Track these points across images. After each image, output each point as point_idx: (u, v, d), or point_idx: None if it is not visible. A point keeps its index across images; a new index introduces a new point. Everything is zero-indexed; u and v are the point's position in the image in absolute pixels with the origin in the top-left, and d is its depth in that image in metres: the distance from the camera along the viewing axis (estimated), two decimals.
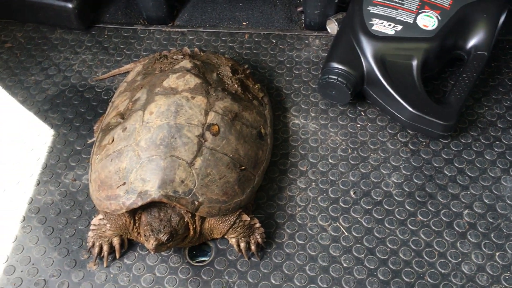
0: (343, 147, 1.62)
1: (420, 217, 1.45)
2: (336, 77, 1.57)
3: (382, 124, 1.67)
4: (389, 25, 1.60)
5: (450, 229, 1.43)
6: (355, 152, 1.61)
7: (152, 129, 1.36)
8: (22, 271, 1.38)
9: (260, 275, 1.36)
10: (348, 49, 1.61)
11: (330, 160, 1.59)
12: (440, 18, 1.61)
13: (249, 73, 1.71)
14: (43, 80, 1.84)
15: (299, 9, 2.03)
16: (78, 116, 1.73)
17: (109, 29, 2.00)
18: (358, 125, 1.67)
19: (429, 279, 1.34)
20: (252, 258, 1.39)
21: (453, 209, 1.47)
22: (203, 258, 1.42)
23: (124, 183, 1.31)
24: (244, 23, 2.01)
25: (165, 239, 1.27)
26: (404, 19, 1.61)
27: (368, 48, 1.57)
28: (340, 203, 1.49)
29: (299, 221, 1.46)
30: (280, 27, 1.99)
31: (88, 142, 1.64)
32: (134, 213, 1.34)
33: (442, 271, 1.35)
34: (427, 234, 1.42)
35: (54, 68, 1.87)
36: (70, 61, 1.89)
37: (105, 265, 1.38)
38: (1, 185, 1.55)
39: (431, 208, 1.47)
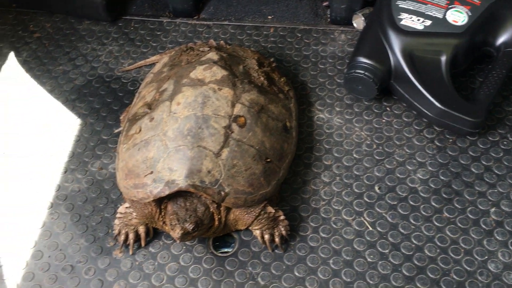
0: (368, 142, 1.61)
1: (446, 214, 1.44)
2: (363, 72, 1.56)
3: (408, 120, 1.65)
4: (418, 20, 1.58)
5: (477, 227, 1.41)
6: (380, 147, 1.60)
7: (180, 120, 1.37)
8: (49, 256, 1.40)
9: (284, 267, 1.37)
10: (375, 43, 1.60)
11: (354, 155, 1.58)
12: (470, 14, 1.59)
13: (275, 67, 1.71)
14: (71, 70, 1.86)
15: (325, 3, 2.02)
16: (104, 106, 1.75)
17: (136, 21, 2.02)
18: (384, 121, 1.66)
19: (454, 276, 1.33)
20: (276, 250, 1.39)
21: (480, 207, 1.45)
22: (226, 250, 1.43)
23: (152, 172, 1.32)
24: (269, 17, 2.01)
25: (191, 228, 1.28)
26: (434, 14, 1.59)
27: (396, 42, 1.56)
28: (365, 198, 1.49)
29: (323, 215, 1.46)
30: (306, 22, 1.99)
31: (114, 132, 1.66)
32: (160, 202, 1.35)
33: (468, 268, 1.34)
34: (453, 231, 1.41)
35: (82, 59, 1.90)
36: (97, 52, 1.92)
37: (130, 252, 1.39)
38: (29, 172, 1.58)
39: (457, 205, 1.46)
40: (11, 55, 1.91)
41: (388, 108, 1.69)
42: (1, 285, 1.35)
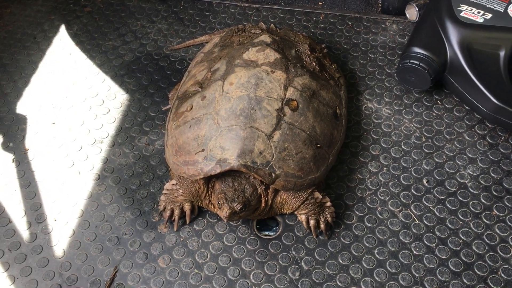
0: (417, 134, 1.59)
1: (496, 212, 1.41)
2: (417, 62, 1.54)
3: (460, 114, 1.62)
4: (479, 12, 1.55)
5: None
6: (430, 140, 1.57)
7: (232, 100, 1.37)
8: (96, 226, 1.42)
9: (328, 253, 1.36)
10: (432, 34, 1.57)
11: (403, 147, 1.56)
12: None
13: (326, 53, 1.69)
14: (120, 46, 1.87)
15: None
16: (152, 83, 1.76)
17: (185, 0, 2.02)
18: (434, 114, 1.63)
19: (502, 275, 1.30)
20: (320, 237, 1.39)
21: None
22: (268, 233, 1.43)
23: (203, 150, 1.32)
24: (320, 3, 1.99)
25: (238, 208, 1.28)
26: (495, 7, 1.55)
27: (454, 34, 1.53)
28: (412, 191, 1.47)
29: (369, 205, 1.45)
30: (357, 10, 1.96)
31: (163, 109, 1.67)
32: (208, 180, 1.36)
33: None
34: (503, 229, 1.38)
35: (131, 35, 1.91)
36: (146, 29, 1.92)
37: (175, 228, 1.41)
38: (78, 143, 1.60)
39: (507, 204, 1.43)
40: (62, 28, 1.94)
41: (439, 102, 1.66)
42: (49, 251, 1.37)
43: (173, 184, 1.40)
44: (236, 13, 1.97)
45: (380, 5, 1.95)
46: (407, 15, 1.87)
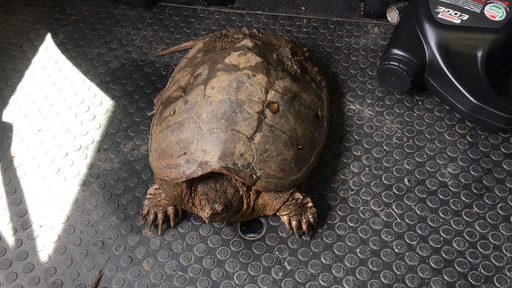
0: (399, 135, 1.61)
1: (476, 209, 1.43)
2: (397, 64, 1.56)
3: (440, 114, 1.65)
4: (455, 13, 1.57)
5: (507, 223, 1.40)
6: (411, 140, 1.59)
7: (214, 103, 1.39)
8: (81, 231, 1.43)
9: (311, 253, 1.37)
10: (411, 36, 1.59)
11: (384, 147, 1.58)
12: (508, 10, 1.57)
13: (308, 56, 1.71)
14: (106, 53, 1.89)
15: None
16: (138, 89, 1.78)
17: (170, 7, 2.05)
18: (415, 114, 1.65)
19: (482, 271, 1.32)
20: (303, 237, 1.40)
21: (511, 203, 1.44)
22: (252, 235, 1.44)
23: (185, 153, 1.34)
24: (302, 8, 2.02)
25: (220, 209, 1.30)
26: (471, 8, 1.58)
27: (432, 36, 1.55)
28: (394, 190, 1.49)
29: (351, 204, 1.46)
30: (339, 14, 1.99)
31: (148, 115, 1.69)
32: (191, 183, 1.37)
33: (497, 263, 1.33)
34: (483, 226, 1.40)
35: (117, 42, 1.93)
36: (131, 36, 1.95)
37: (159, 232, 1.42)
38: (64, 149, 1.61)
39: (487, 201, 1.45)
40: (48, 37, 1.96)
41: (420, 102, 1.68)
42: (35, 257, 1.38)
43: (156, 188, 1.42)
44: (220, 19, 2.00)
45: (362, 9, 1.98)
46: (388, 18, 1.90)
